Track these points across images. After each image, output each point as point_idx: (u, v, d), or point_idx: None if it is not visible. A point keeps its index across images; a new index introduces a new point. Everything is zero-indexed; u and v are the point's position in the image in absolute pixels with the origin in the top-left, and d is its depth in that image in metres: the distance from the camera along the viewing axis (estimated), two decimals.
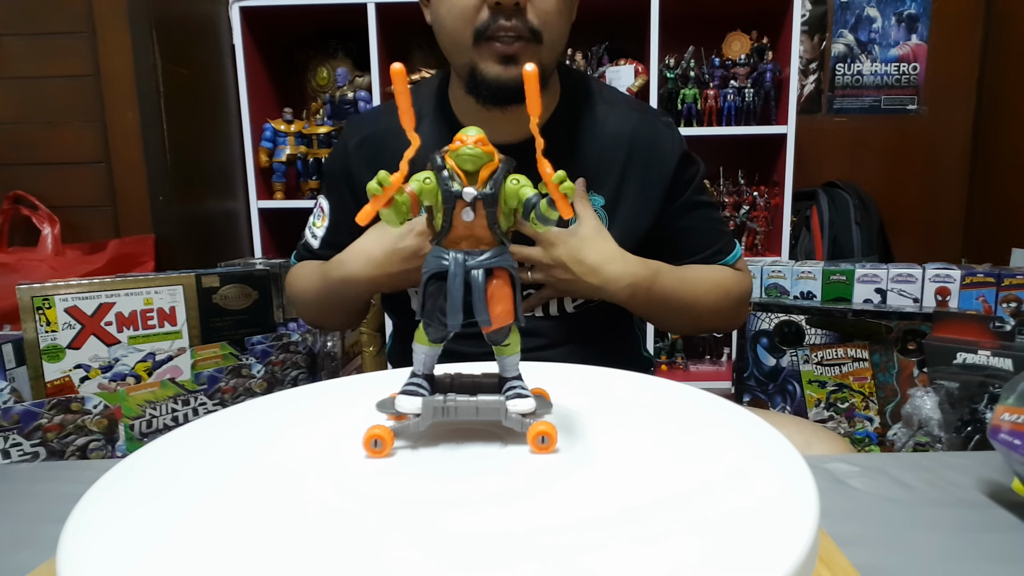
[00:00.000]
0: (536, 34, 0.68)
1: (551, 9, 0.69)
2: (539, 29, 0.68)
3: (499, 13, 0.67)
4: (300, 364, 0.96)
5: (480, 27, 0.68)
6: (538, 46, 0.69)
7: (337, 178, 0.84)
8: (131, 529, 0.30)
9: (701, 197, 0.85)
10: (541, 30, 0.69)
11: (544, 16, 0.68)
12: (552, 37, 0.70)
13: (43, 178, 1.75)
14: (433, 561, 0.26)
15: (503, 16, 0.67)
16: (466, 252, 0.37)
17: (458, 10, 0.68)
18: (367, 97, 1.93)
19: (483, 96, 0.72)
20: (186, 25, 1.84)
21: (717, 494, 0.31)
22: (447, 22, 0.70)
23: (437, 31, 0.74)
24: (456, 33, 0.70)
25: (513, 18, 0.67)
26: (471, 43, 0.69)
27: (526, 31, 0.68)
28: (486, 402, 0.38)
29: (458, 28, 0.69)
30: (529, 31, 0.68)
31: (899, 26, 2.17)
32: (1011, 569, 0.37)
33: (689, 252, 0.83)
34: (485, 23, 0.68)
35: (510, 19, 0.67)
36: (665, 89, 1.93)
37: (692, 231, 0.83)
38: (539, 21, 0.68)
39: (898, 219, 2.18)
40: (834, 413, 1.16)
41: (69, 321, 0.82)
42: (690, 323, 0.83)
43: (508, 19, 0.67)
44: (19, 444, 0.71)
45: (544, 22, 0.68)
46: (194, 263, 1.66)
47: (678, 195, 0.82)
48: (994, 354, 0.90)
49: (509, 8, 0.67)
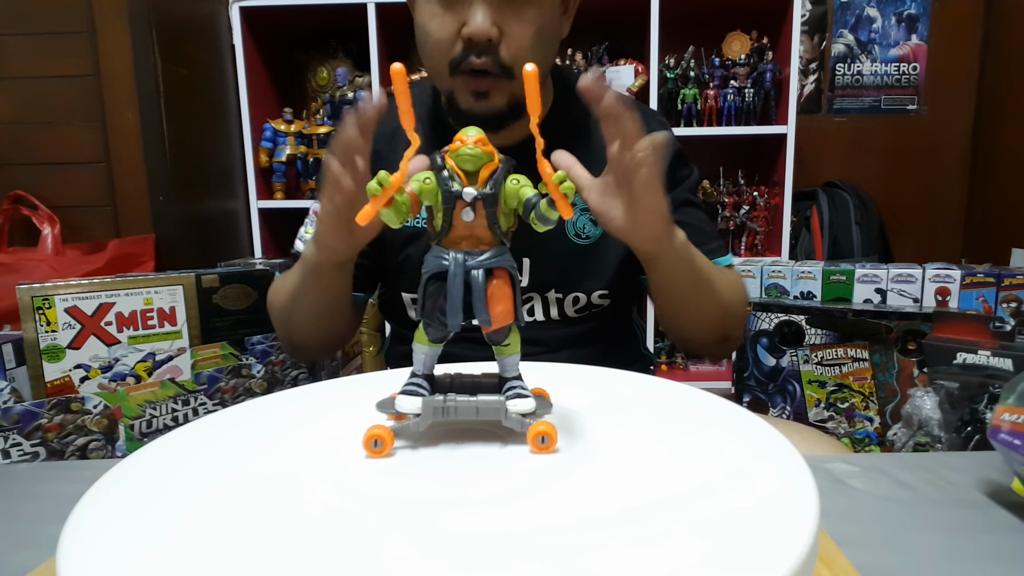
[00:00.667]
0: (507, 70, 0.68)
1: (525, 45, 0.68)
2: (510, 65, 0.68)
3: (471, 48, 0.67)
4: (300, 364, 0.96)
5: (454, 60, 0.68)
6: (510, 82, 0.69)
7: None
8: (131, 529, 0.30)
9: (693, 198, 0.85)
10: (512, 66, 0.68)
11: (517, 52, 0.67)
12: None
13: (43, 178, 1.75)
14: (433, 561, 0.26)
15: (474, 52, 0.67)
16: (466, 252, 0.37)
17: (434, 40, 0.69)
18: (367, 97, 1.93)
19: (458, 122, 0.72)
20: (186, 25, 1.84)
21: (717, 494, 0.31)
22: (426, 50, 0.71)
23: (420, 54, 0.75)
24: (434, 62, 0.71)
25: (483, 55, 0.67)
26: (447, 74, 0.70)
27: (496, 68, 0.67)
28: (486, 402, 0.38)
29: (436, 58, 0.70)
30: (500, 67, 0.67)
31: (899, 26, 2.17)
32: (1011, 569, 0.37)
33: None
34: (459, 57, 0.68)
35: (480, 56, 0.67)
36: (665, 89, 1.93)
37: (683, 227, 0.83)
38: (511, 57, 0.67)
39: (898, 219, 2.18)
40: (834, 413, 1.16)
41: (69, 321, 0.82)
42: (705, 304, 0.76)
43: (479, 56, 0.67)
44: (19, 444, 0.71)
45: (516, 58, 0.68)
46: (194, 263, 1.66)
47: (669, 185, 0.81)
48: (994, 354, 0.90)
49: (481, 45, 0.66)
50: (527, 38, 0.67)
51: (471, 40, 0.66)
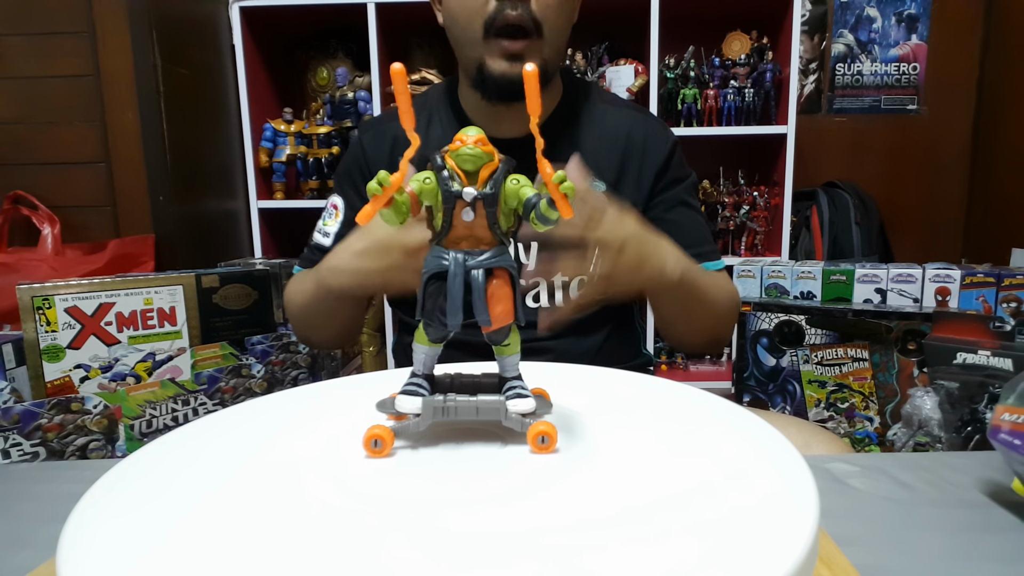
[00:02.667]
0: (538, 25, 0.73)
1: (552, 2, 0.74)
2: (540, 20, 0.73)
3: (505, 3, 0.72)
4: (300, 364, 0.96)
5: (488, 19, 0.73)
6: (540, 41, 0.74)
7: (352, 172, 0.87)
8: (131, 529, 0.30)
9: (689, 200, 0.87)
10: (543, 21, 0.73)
11: (546, 8, 0.73)
12: (553, 32, 0.75)
13: (43, 178, 1.75)
14: (433, 561, 0.26)
15: (509, 6, 0.72)
16: (466, 252, 0.37)
17: (468, 2, 0.73)
18: (367, 97, 1.93)
19: (489, 92, 0.77)
20: (186, 25, 1.84)
21: (717, 494, 0.31)
22: (459, 16, 0.75)
23: (449, 27, 0.79)
24: (467, 26, 0.75)
25: (518, 7, 0.72)
26: (481, 37, 0.74)
27: (529, 21, 0.73)
28: (486, 402, 0.38)
29: (469, 21, 0.74)
30: (532, 21, 0.73)
31: (899, 26, 2.17)
32: (1011, 569, 0.37)
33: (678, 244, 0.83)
34: (492, 15, 0.72)
35: (516, 8, 0.72)
36: (665, 89, 1.93)
37: (677, 226, 0.84)
38: (541, 11, 0.73)
39: (898, 219, 2.18)
40: (834, 413, 1.16)
41: (69, 321, 0.82)
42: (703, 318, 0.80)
43: (514, 8, 0.72)
44: (19, 444, 0.71)
45: (545, 13, 0.73)
46: (194, 263, 1.66)
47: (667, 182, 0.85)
48: (994, 354, 0.90)
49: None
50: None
51: None
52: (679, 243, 0.83)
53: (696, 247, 0.84)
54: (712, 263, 0.85)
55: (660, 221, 0.83)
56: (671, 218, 0.84)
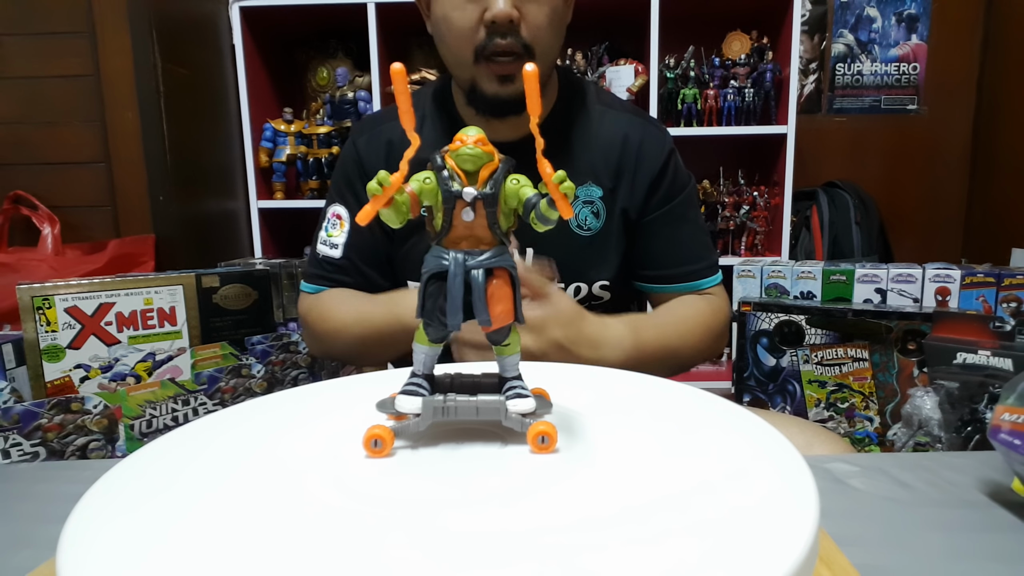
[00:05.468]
0: (529, 49, 0.72)
1: (543, 24, 0.73)
2: (531, 44, 0.72)
3: (495, 32, 0.71)
4: (300, 364, 0.96)
5: (479, 46, 0.72)
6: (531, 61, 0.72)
7: (351, 178, 0.85)
8: (131, 529, 0.30)
9: (689, 213, 0.86)
10: (533, 45, 0.72)
11: (536, 32, 0.72)
12: (543, 49, 0.74)
13: (43, 178, 1.75)
14: (433, 561, 0.26)
15: (499, 35, 0.71)
16: (466, 252, 0.37)
17: (457, 30, 0.72)
18: (367, 97, 1.93)
19: (482, 109, 0.77)
20: (186, 25, 1.84)
21: (717, 494, 0.31)
22: (448, 40, 0.75)
23: (439, 46, 0.78)
24: (457, 51, 0.74)
25: (508, 36, 0.71)
26: (471, 61, 0.73)
27: (519, 47, 0.72)
28: (486, 402, 0.38)
29: (459, 47, 0.74)
30: (522, 47, 0.72)
31: (899, 26, 2.17)
32: (1011, 569, 0.37)
33: (673, 262, 0.84)
34: (483, 42, 0.72)
35: (505, 37, 0.71)
36: (665, 89, 1.93)
37: (673, 243, 0.84)
38: (531, 36, 0.72)
39: (898, 219, 2.18)
40: (834, 413, 1.16)
41: (69, 321, 0.82)
42: (675, 367, 0.82)
43: (503, 37, 0.71)
44: (19, 444, 0.71)
45: (535, 37, 0.73)
46: (194, 263, 1.66)
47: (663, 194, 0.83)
48: (994, 354, 0.90)
49: (504, 27, 0.70)
50: (544, 17, 0.72)
51: (495, 23, 0.70)
52: (674, 261, 0.84)
53: (691, 264, 0.84)
54: (708, 279, 0.85)
55: (656, 237, 0.84)
56: (667, 235, 0.84)
